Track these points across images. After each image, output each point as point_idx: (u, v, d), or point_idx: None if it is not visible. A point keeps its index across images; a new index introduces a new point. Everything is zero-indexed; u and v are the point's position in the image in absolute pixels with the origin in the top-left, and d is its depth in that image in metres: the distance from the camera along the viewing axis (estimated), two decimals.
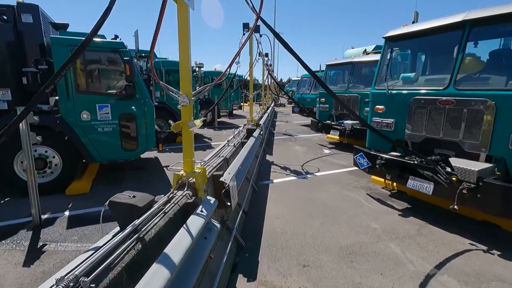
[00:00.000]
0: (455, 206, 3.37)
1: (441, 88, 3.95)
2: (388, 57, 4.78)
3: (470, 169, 3.29)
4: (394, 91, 4.56)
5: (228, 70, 3.80)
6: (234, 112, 20.89)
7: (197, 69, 14.44)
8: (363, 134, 8.23)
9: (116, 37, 8.42)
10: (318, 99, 11.52)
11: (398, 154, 4.51)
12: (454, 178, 3.48)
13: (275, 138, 10.81)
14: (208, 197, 2.47)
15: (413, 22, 4.82)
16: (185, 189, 2.35)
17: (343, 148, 8.76)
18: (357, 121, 8.30)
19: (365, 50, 9.51)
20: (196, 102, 10.57)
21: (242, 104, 22.71)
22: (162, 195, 2.20)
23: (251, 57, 7.14)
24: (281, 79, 45.68)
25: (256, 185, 5.30)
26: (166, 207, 2.02)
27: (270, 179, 5.82)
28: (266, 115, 11.76)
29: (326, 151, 8.51)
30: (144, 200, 1.86)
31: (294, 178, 5.92)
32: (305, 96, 14.57)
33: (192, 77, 15.28)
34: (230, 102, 16.55)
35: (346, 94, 8.59)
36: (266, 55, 17.73)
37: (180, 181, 2.44)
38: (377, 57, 8.48)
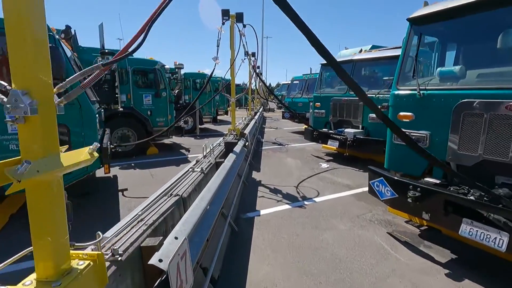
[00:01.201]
0: None
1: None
2: (416, 45, 3.55)
3: None
4: (429, 92, 3.26)
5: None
6: (220, 117, 19.44)
7: (176, 70, 12.96)
8: (368, 145, 6.99)
9: (67, 28, 6.91)
10: (312, 104, 10.24)
11: (438, 181, 3.18)
12: None
13: (263, 148, 9.42)
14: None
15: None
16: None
17: (343, 161, 7.45)
18: (360, 130, 7.02)
19: (361, 50, 8.30)
20: (171, 107, 9.10)
21: (228, 109, 21.27)
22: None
23: (232, 52, 5.76)
24: (269, 84, 44.52)
25: (236, 221, 3.87)
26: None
27: (257, 209, 4.40)
28: (253, 121, 10.37)
29: (324, 165, 7.17)
30: None
31: (287, 206, 4.52)
32: (296, 100, 13.29)
33: (171, 80, 13.83)
34: (214, 107, 15.05)
35: (346, 98, 7.31)
36: (253, 54, 16.49)
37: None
38: (379, 54, 7.30)
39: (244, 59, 9.42)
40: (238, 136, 6.21)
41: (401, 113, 3.55)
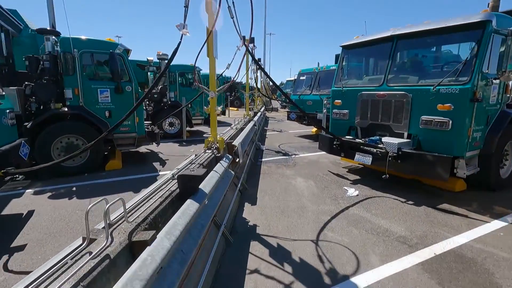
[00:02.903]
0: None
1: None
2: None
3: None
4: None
5: None
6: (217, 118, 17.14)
7: (159, 61, 10.76)
8: (419, 162, 4.65)
9: None
10: (325, 102, 7.93)
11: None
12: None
13: (263, 160, 7.14)
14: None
15: None
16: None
17: (376, 181, 5.16)
18: (406, 140, 4.71)
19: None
20: (140, 109, 6.88)
21: (226, 108, 18.98)
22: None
23: (210, 15, 3.50)
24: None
25: None
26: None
27: None
28: (251, 125, 8.07)
29: (351, 190, 4.87)
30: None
31: None
32: (304, 98, 10.95)
33: (154, 73, 11.57)
34: (207, 106, 12.68)
35: (383, 92, 5.01)
36: (252, 40, 14.42)
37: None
38: (439, 24, 4.93)
39: (240, 46, 7.28)
40: (221, 151, 3.95)
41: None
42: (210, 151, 3.74)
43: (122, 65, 6.18)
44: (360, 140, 5.29)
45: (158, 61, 11.00)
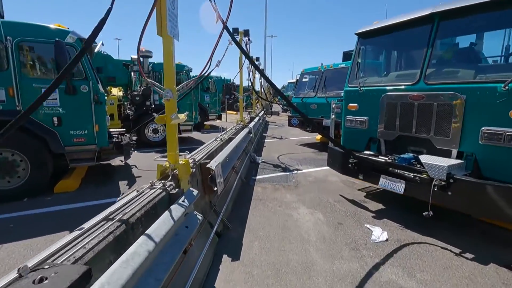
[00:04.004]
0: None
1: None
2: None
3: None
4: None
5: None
6: (211, 123, 15.86)
7: (141, 59, 9.40)
8: (482, 195, 3.13)
9: None
10: (334, 106, 6.52)
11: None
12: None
13: (258, 177, 5.73)
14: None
15: None
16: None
17: (413, 217, 3.74)
18: (457, 161, 3.29)
19: None
20: (99, 111, 5.49)
21: (223, 111, 17.60)
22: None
23: None
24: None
25: None
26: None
27: None
28: (243, 134, 6.65)
29: (376, 232, 3.43)
30: None
31: None
32: (308, 101, 9.52)
33: (136, 72, 10.19)
34: (196, 110, 10.99)
35: (418, 94, 3.61)
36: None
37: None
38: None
39: (216, 22, 5.90)
40: (183, 182, 2.55)
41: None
42: (161, 184, 2.34)
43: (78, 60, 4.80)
44: (386, 159, 3.87)
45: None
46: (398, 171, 3.58)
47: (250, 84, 10.56)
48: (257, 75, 15.67)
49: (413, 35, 4.00)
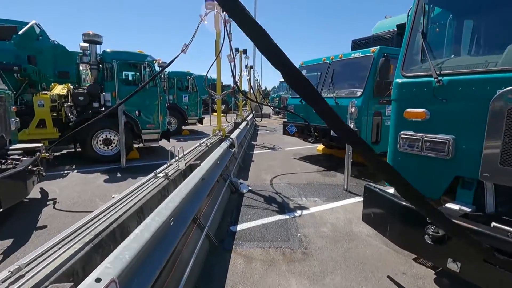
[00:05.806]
0: None
1: None
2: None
3: None
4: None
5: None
6: (191, 127, 13.49)
7: (87, 45, 6.99)
8: None
9: None
10: (353, 109, 4.33)
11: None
12: None
13: (240, 227, 3.46)
14: None
15: None
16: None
17: None
18: None
19: None
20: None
21: (200, 116, 15.09)
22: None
23: None
24: (265, 88, 37.70)
25: None
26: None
27: None
28: (215, 155, 4.20)
29: None
30: None
31: None
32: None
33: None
34: (162, 113, 8.24)
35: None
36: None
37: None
38: None
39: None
40: None
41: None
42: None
43: None
44: None
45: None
46: None
47: (233, 78, 7.96)
48: (245, 72, 13.39)
49: None
